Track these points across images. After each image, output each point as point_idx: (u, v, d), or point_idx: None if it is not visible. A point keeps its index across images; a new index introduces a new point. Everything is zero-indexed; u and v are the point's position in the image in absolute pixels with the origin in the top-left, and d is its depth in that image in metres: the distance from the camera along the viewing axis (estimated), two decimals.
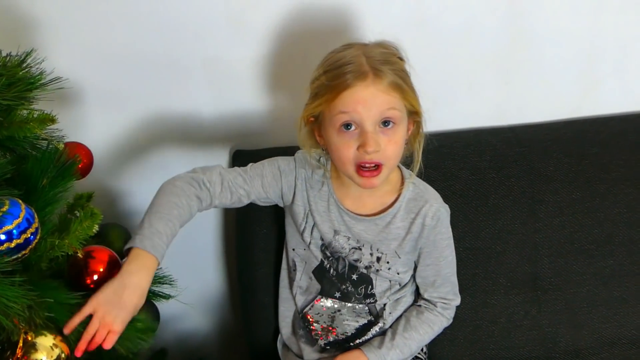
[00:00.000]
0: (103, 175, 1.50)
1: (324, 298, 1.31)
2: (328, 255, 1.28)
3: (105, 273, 1.07)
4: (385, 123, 1.11)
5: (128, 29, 1.40)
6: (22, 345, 0.94)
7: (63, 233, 1.05)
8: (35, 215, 0.96)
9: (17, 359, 0.94)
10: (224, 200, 1.20)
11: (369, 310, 1.30)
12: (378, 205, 1.25)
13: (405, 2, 1.46)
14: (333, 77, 1.10)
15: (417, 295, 1.35)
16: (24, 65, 1.05)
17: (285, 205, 1.30)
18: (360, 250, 1.26)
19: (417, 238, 1.25)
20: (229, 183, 1.20)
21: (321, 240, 1.27)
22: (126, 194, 1.58)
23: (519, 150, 1.52)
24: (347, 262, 1.27)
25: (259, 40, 1.45)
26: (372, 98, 1.09)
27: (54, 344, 0.96)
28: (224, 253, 1.74)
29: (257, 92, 1.52)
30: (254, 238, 1.46)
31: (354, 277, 1.28)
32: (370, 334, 1.31)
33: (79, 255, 1.06)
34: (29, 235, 0.93)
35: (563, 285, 1.49)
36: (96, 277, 1.06)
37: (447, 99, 1.59)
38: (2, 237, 0.90)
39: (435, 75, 1.55)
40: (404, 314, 1.32)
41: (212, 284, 1.78)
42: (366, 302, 1.29)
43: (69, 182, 1.09)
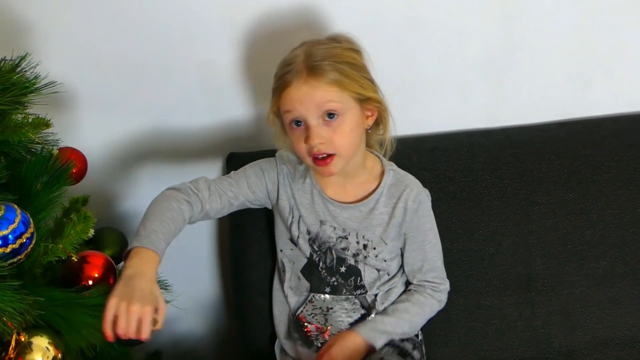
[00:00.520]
0: (97, 180, 1.50)
1: (315, 296, 1.32)
2: (316, 248, 1.31)
3: (100, 278, 1.06)
4: (330, 115, 1.16)
5: (122, 33, 1.40)
6: (14, 346, 0.94)
7: (57, 237, 1.05)
8: (31, 220, 0.96)
9: (10, 359, 0.94)
10: (214, 205, 1.24)
11: (360, 303, 1.31)
12: (360, 192, 1.30)
13: (397, 4, 1.46)
14: (277, 78, 1.19)
15: (407, 285, 1.38)
16: (18, 69, 1.05)
17: (272, 204, 1.33)
18: (347, 239, 1.29)
19: (400, 223, 1.29)
20: (216, 187, 1.25)
21: (308, 233, 1.30)
22: (121, 198, 1.58)
23: (512, 152, 1.52)
24: (334, 254, 1.30)
25: (251, 43, 1.46)
26: (307, 95, 1.14)
27: (49, 344, 0.96)
28: (218, 255, 1.74)
29: (250, 95, 1.52)
30: (248, 241, 1.46)
31: (342, 269, 1.30)
32: None
33: (74, 259, 1.06)
34: (25, 240, 0.93)
35: (556, 286, 1.49)
36: (91, 282, 1.06)
37: (440, 101, 1.59)
38: None
39: (427, 78, 1.56)
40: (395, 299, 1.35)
41: (207, 286, 1.78)
42: (356, 293, 1.31)
43: (62, 186, 1.09)
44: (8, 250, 0.91)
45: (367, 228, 1.29)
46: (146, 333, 0.98)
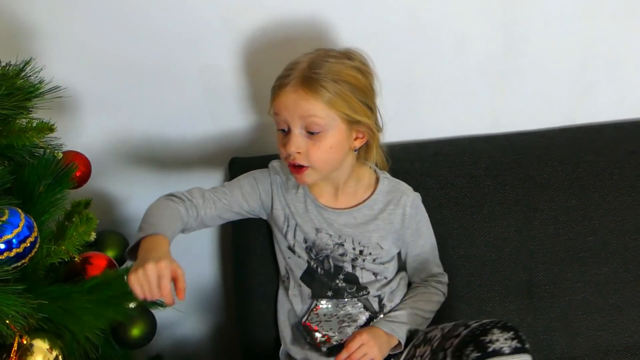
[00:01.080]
0: (101, 183, 1.51)
1: (319, 302, 1.32)
2: (313, 256, 1.31)
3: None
4: (311, 130, 1.17)
5: (126, 38, 1.40)
6: (16, 349, 0.94)
7: (59, 239, 1.05)
8: (35, 224, 0.96)
9: None
10: (208, 211, 1.26)
11: (363, 305, 1.32)
12: (353, 200, 1.32)
13: (401, 10, 1.47)
14: (277, 79, 1.20)
15: (409, 286, 1.40)
16: (23, 74, 1.05)
17: (267, 214, 1.35)
18: (343, 245, 1.30)
19: (398, 229, 1.31)
20: (210, 195, 1.28)
21: (305, 242, 1.31)
22: (124, 201, 1.58)
23: (514, 157, 1.52)
24: (332, 263, 1.31)
25: (255, 49, 1.46)
26: (294, 104, 1.15)
27: (50, 347, 0.96)
28: (220, 260, 1.74)
29: (253, 101, 1.52)
30: (250, 245, 1.46)
31: (341, 276, 1.31)
32: None
33: (77, 260, 1.06)
34: (28, 244, 0.94)
35: (558, 292, 1.49)
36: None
37: (442, 107, 1.60)
38: (2, 247, 0.91)
39: (430, 83, 1.56)
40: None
41: (209, 290, 1.77)
42: (359, 295, 1.31)
43: (65, 188, 1.09)
44: (12, 254, 0.92)
45: (362, 234, 1.30)
46: (166, 289, 0.99)
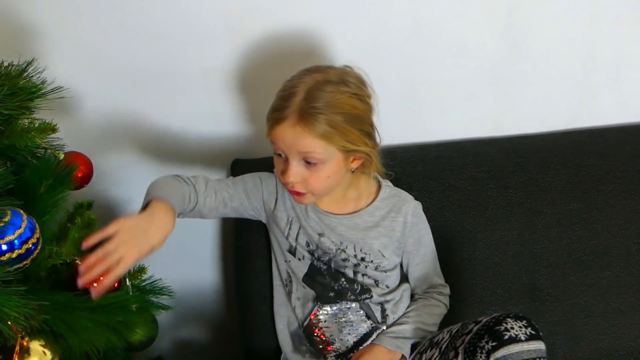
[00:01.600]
0: (103, 184, 1.51)
1: (321, 306, 1.31)
2: (316, 257, 1.31)
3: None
4: (308, 161, 1.17)
5: (128, 39, 1.40)
6: (18, 351, 0.94)
7: (61, 241, 1.05)
8: (37, 226, 0.96)
9: None
10: (208, 200, 1.25)
11: (365, 313, 1.31)
12: (354, 207, 1.32)
13: (404, 15, 1.47)
14: (272, 108, 1.18)
15: (412, 297, 1.40)
16: (25, 74, 1.05)
17: (267, 215, 1.34)
18: (345, 251, 1.30)
19: (400, 237, 1.32)
20: (213, 184, 1.27)
21: (307, 245, 1.31)
22: (125, 203, 1.58)
23: (517, 160, 1.52)
24: (333, 267, 1.31)
25: (257, 50, 1.46)
26: (291, 140, 1.15)
27: (45, 348, 0.96)
28: (221, 262, 1.74)
29: (255, 102, 1.52)
30: (252, 247, 1.46)
31: (342, 279, 1.31)
32: (371, 340, 1.31)
33: (78, 262, 1.06)
34: (30, 246, 0.93)
35: (560, 296, 1.49)
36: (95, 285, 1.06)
37: (445, 110, 1.59)
38: (4, 248, 0.91)
39: (433, 86, 1.56)
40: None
41: (210, 293, 1.77)
42: (362, 298, 1.31)
43: (67, 189, 1.09)
44: (14, 255, 0.91)
45: (364, 240, 1.30)
46: (111, 278, 0.98)
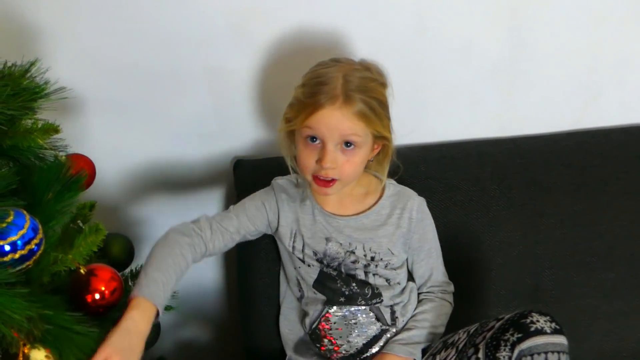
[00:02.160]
0: (105, 185, 1.50)
1: (331, 308, 1.31)
2: (325, 264, 1.31)
3: (106, 292, 1.07)
4: (347, 144, 1.18)
5: (130, 40, 1.40)
6: (21, 359, 0.94)
7: (66, 245, 1.05)
8: (40, 226, 0.95)
9: None
10: (217, 243, 1.26)
11: (375, 316, 1.31)
12: (360, 206, 1.32)
13: (408, 14, 1.46)
14: (309, 94, 1.18)
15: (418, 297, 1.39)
16: (28, 75, 1.05)
17: (273, 232, 1.35)
18: (354, 253, 1.30)
19: (405, 233, 1.31)
20: (217, 225, 1.27)
21: (315, 254, 1.31)
22: (128, 203, 1.58)
23: (520, 161, 1.52)
24: (344, 271, 1.30)
25: (260, 50, 1.46)
26: (336, 122, 1.15)
27: (46, 357, 0.96)
28: (224, 261, 1.74)
29: (257, 102, 1.52)
30: (254, 247, 1.45)
31: (353, 284, 1.30)
32: (382, 342, 1.31)
33: (82, 271, 1.06)
34: (33, 247, 0.93)
35: (564, 297, 1.49)
36: (98, 296, 1.06)
37: (449, 110, 1.59)
38: (7, 248, 0.90)
39: (437, 87, 1.56)
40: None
41: (212, 293, 1.77)
42: (372, 302, 1.31)
43: (74, 196, 1.09)
44: (17, 256, 0.91)
45: (372, 240, 1.30)
46: None
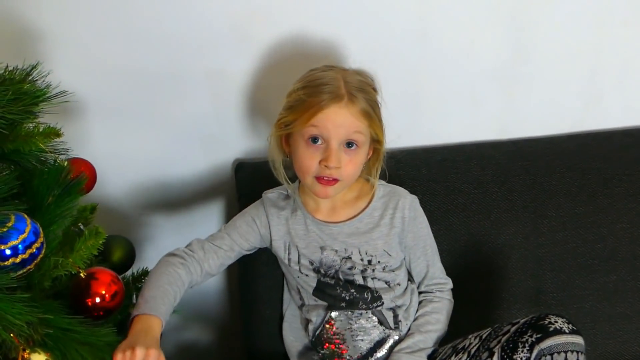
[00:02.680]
0: (105, 188, 1.50)
1: (333, 315, 1.31)
2: (322, 272, 1.31)
3: (107, 296, 1.07)
4: (349, 144, 1.19)
5: (132, 43, 1.40)
6: None
7: (66, 249, 1.05)
8: (41, 230, 0.95)
9: None
10: (212, 262, 1.27)
11: (377, 319, 1.31)
12: (351, 211, 1.32)
13: (409, 16, 1.46)
14: (311, 94, 1.18)
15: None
16: (30, 78, 1.04)
17: (268, 245, 1.35)
18: (351, 258, 1.29)
19: (400, 232, 1.31)
20: (209, 245, 1.28)
21: (311, 264, 1.31)
22: (128, 206, 1.58)
23: (522, 164, 1.52)
24: (342, 277, 1.30)
25: (261, 53, 1.46)
26: (342, 120, 1.17)
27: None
28: None
29: (258, 105, 1.52)
30: (255, 251, 1.45)
31: (352, 289, 1.30)
32: (387, 347, 1.31)
33: (82, 275, 1.06)
34: (34, 250, 0.93)
35: (566, 300, 1.48)
36: (98, 300, 1.06)
37: (450, 113, 1.59)
38: (8, 252, 0.90)
39: (438, 89, 1.56)
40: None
41: (213, 296, 1.77)
42: (374, 306, 1.30)
43: (74, 200, 1.09)
44: (18, 260, 0.91)
45: (368, 243, 1.30)
46: None
